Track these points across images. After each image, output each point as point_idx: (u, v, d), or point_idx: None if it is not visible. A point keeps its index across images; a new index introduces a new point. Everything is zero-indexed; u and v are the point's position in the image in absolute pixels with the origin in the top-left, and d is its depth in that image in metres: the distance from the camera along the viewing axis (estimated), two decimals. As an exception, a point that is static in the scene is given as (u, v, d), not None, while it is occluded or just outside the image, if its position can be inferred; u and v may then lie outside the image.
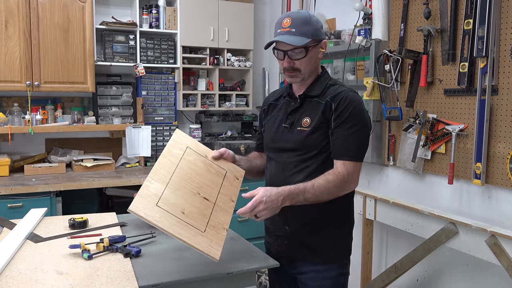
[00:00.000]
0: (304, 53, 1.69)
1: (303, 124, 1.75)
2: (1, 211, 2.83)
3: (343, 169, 1.66)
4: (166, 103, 4.11)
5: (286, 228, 1.79)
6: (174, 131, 1.83)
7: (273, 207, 1.56)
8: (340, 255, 1.82)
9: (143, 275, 1.53)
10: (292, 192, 1.60)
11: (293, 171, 1.76)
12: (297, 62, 1.71)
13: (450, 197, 2.59)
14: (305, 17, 1.69)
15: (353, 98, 1.70)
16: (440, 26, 2.58)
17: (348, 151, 1.67)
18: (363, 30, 3.05)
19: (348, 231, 1.85)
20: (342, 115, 1.67)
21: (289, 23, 1.68)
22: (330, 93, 1.73)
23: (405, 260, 2.66)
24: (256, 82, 4.53)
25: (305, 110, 1.77)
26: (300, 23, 1.68)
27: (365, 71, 3.05)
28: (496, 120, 2.29)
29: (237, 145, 3.90)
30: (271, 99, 1.96)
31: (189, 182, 1.63)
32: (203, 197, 1.61)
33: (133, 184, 3.40)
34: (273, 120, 1.89)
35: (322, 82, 1.78)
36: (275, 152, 1.86)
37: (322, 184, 1.63)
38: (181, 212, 1.51)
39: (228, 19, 4.10)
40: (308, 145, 1.74)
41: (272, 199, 1.55)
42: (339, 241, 1.81)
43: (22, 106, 3.57)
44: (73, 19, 3.49)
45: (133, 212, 1.42)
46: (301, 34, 1.67)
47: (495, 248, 2.16)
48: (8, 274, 1.53)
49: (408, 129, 2.77)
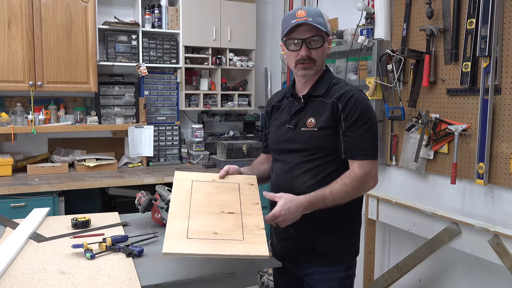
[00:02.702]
0: (322, 42, 1.70)
1: (308, 124, 1.73)
2: (4, 211, 2.83)
3: (360, 169, 1.65)
4: (168, 103, 4.12)
5: (291, 231, 1.78)
6: (174, 174, 1.81)
7: (293, 218, 1.60)
8: (346, 257, 1.80)
9: (146, 275, 1.53)
10: (311, 202, 1.61)
11: (298, 172, 1.75)
12: (313, 52, 1.70)
13: (452, 197, 2.59)
14: (318, 11, 1.72)
15: (359, 97, 1.69)
16: (443, 26, 2.58)
17: (363, 150, 1.66)
18: (365, 29, 3.04)
19: (354, 233, 1.83)
20: (351, 116, 1.66)
21: (304, 13, 1.67)
22: (335, 93, 1.72)
23: (408, 260, 2.65)
24: (258, 82, 4.53)
25: (310, 110, 1.76)
26: (316, 14, 1.69)
27: (367, 71, 3.04)
28: (499, 120, 2.29)
29: (239, 145, 3.90)
30: (274, 100, 1.95)
31: (208, 207, 1.64)
32: (228, 213, 1.62)
33: (136, 184, 3.40)
34: (277, 121, 1.88)
35: (326, 81, 1.77)
36: (280, 153, 1.85)
37: (340, 188, 1.62)
38: (214, 233, 1.52)
39: (231, 19, 4.10)
40: (313, 146, 1.73)
41: (291, 212, 1.58)
42: (345, 244, 1.79)
43: (25, 106, 3.58)
44: (75, 19, 3.50)
45: (168, 254, 1.41)
46: (318, 23, 1.67)
47: (498, 248, 2.15)
48: (11, 273, 1.53)
49: (410, 129, 2.77)
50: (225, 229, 1.55)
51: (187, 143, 4.30)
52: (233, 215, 1.62)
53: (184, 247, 1.44)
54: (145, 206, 2.08)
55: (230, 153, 3.85)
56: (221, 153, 3.95)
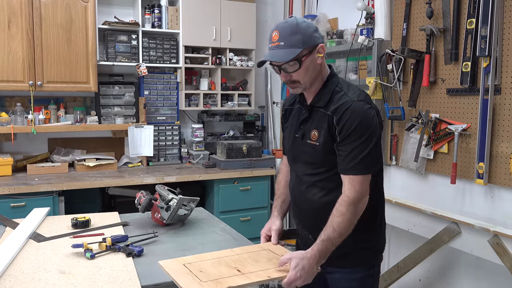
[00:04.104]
0: (298, 65, 1.61)
1: (312, 137, 1.69)
2: (4, 211, 2.83)
3: (351, 191, 1.58)
4: (168, 102, 4.11)
5: (310, 237, 1.74)
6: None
7: (312, 274, 1.57)
8: (366, 259, 1.76)
9: (146, 275, 1.53)
10: (321, 250, 1.57)
11: (307, 185, 1.73)
12: (294, 74, 1.64)
13: (452, 197, 2.59)
14: (293, 26, 1.60)
15: (356, 109, 1.60)
16: (443, 26, 2.58)
17: (351, 165, 1.59)
18: (365, 29, 3.04)
19: (374, 236, 1.77)
20: (346, 129, 1.59)
21: (277, 36, 1.60)
22: (333, 104, 1.64)
23: (408, 260, 2.65)
24: (258, 82, 4.53)
25: (313, 122, 1.71)
26: (288, 33, 1.59)
27: (367, 70, 3.04)
28: (499, 119, 2.29)
29: (239, 145, 3.90)
30: (287, 104, 1.90)
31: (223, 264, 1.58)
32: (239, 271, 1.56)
33: (136, 183, 3.40)
34: (289, 127, 1.84)
35: (329, 89, 1.69)
36: (292, 161, 1.83)
37: (341, 220, 1.57)
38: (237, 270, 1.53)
39: (230, 19, 4.10)
40: (317, 160, 1.69)
41: (307, 270, 1.55)
42: (365, 247, 1.74)
43: (25, 106, 3.58)
44: (75, 19, 3.50)
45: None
46: (290, 46, 1.59)
47: (498, 248, 2.15)
48: (11, 273, 1.53)
49: (410, 129, 2.77)
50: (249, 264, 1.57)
51: (187, 143, 4.29)
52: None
53: None
54: (145, 206, 2.08)
55: (230, 153, 3.85)
56: (221, 153, 3.95)
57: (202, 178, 3.66)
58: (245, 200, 3.80)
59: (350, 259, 1.72)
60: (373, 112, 1.63)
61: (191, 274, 1.46)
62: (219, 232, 2.08)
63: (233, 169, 3.79)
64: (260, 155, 3.98)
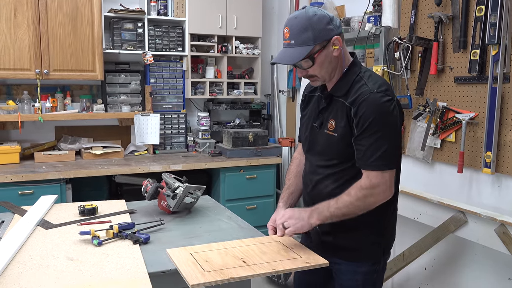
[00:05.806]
0: (311, 62, 1.58)
1: (329, 127, 1.66)
2: (12, 198, 2.86)
3: (366, 181, 1.57)
4: (174, 91, 4.11)
5: (317, 228, 1.72)
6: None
7: (299, 221, 1.61)
8: (373, 254, 1.75)
9: (152, 262, 1.55)
10: (315, 208, 1.61)
11: (320, 176, 1.72)
12: (309, 70, 1.61)
13: (459, 186, 2.58)
14: (303, 22, 1.55)
15: (374, 101, 1.54)
16: (452, 13, 2.54)
17: (371, 161, 1.55)
18: (372, 17, 3.01)
19: (382, 232, 1.75)
20: (363, 122, 1.55)
21: (288, 34, 1.57)
22: (352, 94, 1.60)
23: (414, 248, 2.66)
24: (264, 70, 4.51)
25: (332, 111, 1.67)
26: (299, 30, 1.55)
27: (374, 58, 3.02)
28: (508, 108, 2.26)
29: (245, 133, 3.89)
30: (307, 90, 1.87)
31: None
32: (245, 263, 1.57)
33: (142, 171, 3.42)
34: (308, 114, 1.81)
35: (349, 78, 1.64)
36: (308, 150, 1.81)
37: (346, 199, 1.58)
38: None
39: (237, 6, 4.07)
40: (331, 151, 1.67)
41: (296, 217, 1.61)
42: (374, 242, 1.73)
43: (32, 94, 3.59)
44: (81, 7, 3.49)
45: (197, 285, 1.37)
46: (301, 44, 1.55)
47: (504, 237, 2.15)
48: (20, 260, 1.55)
49: (417, 118, 2.75)
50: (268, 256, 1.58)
51: (193, 131, 4.30)
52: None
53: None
54: (152, 193, 2.09)
55: (236, 141, 3.85)
56: (227, 141, 3.95)
57: (208, 167, 3.66)
58: (251, 189, 3.81)
59: (357, 252, 1.72)
60: (392, 105, 1.57)
61: (196, 263, 1.48)
62: (225, 220, 2.09)
63: (239, 158, 3.79)
64: (266, 143, 3.98)
